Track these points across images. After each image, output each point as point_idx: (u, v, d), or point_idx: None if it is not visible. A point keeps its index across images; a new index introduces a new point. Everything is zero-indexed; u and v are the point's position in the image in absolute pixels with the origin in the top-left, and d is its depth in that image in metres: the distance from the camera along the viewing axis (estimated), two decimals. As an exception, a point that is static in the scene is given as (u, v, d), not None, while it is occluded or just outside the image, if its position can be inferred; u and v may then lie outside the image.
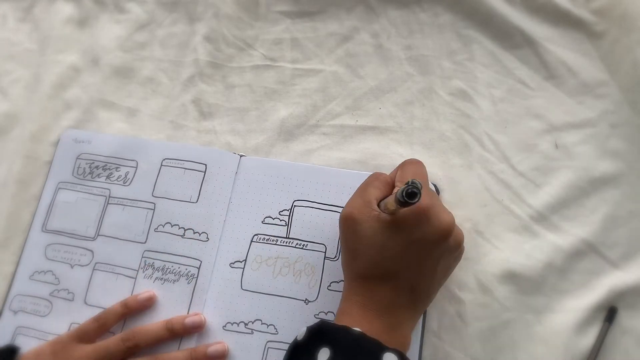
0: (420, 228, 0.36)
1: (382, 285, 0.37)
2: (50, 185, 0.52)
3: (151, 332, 0.45)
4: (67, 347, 0.44)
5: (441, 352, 0.43)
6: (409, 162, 0.42)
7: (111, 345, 0.44)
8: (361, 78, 0.53)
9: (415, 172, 0.41)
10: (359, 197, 0.39)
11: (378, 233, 0.37)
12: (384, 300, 0.37)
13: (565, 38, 0.51)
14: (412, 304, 0.38)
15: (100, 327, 0.46)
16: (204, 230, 0.48)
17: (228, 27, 0.56)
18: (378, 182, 0.40)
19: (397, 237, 0.36)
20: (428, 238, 0.36)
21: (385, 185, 0.40)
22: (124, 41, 0.58)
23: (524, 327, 0.44)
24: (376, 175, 0.41)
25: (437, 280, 0.39)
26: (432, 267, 0.38)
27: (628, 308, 0.43)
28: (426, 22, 0.53)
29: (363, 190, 0.40)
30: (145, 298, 0.47)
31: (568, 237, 0.45)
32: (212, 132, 0.53)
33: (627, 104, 0.48)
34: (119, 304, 0.47)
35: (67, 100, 0.56)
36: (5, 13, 0.61)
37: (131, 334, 0.44)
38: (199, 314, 0.46)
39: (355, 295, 0.38)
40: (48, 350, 0.45)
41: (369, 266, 0.37)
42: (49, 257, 0.50)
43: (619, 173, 0.47)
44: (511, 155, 0.48)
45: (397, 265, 0.37)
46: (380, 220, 0.37)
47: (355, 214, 0.38)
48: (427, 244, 0.37)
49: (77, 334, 0.45)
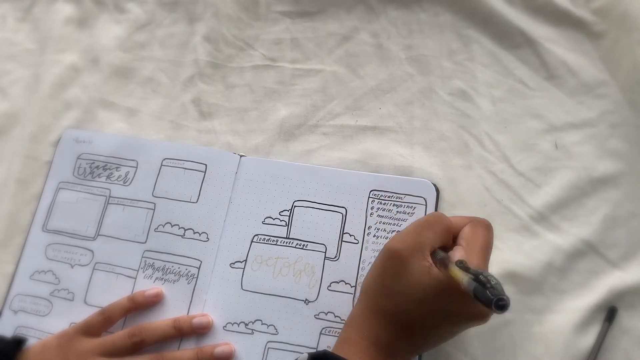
0: (466, 305, 0.34)
1: (397, 330, 0.36)
2: (50, 185, 0.52)
3: (158, 330, 0.45)
4: (72, 340, 0.44)
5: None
6: (483, 223, 0.39)
7: (117, 340, 0.44)
8: (361, 78, 0.53)
9: (486, 240, 0.38)
10: (413, 237, 0.37)
11: (422, 287, 0.34)
12: (393, 345, 0.36)
13: (565, 38, 0.51)
14: (411, 352, 0.38)
15: (106, 320, 0.46)
16: (204, 230, 0.48)
17: (228, 27, 0.56)
18: (440, 227, 0.38)
19: (440, 301, 0.34)
20: (468, 315, 0.35)
21: (446, 232, 0.38)
22: (124, 41, 0.58)
23: (523, 327, 0.44)
24: (439, 218, 0.38)
25: (441, 342, 0.39)
26: (449, 335, 0.37)
27: (628, 308, 0.43)
28: (426, 22, 0.53)
29: (421, 230, 0.37)
30: (153, 294, 0.47)
31: (568, 237, 0.45)
32: (212, 132, 0.53)
33: (627, 104, 0.48)
34: (126, 298, 0.46)
35: (67, 100, 0.56)
36: (5, 13, 0.61)
37: (138, 330, 0.44)
38: (206, 315, 0.46)
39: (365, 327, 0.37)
40: (54, 343, 0.45)
41: (397, 311, 0.36)
42: (49, 256, 0.50)
43: (619, 173, 0.47)
44: (511, 155, 0.48)
45: (423, 323, 0.36)
46: (429, 275, 0.34)
47: (404, 254, 0.36)
48: (463, 320, 0.36)
49: (82, 328, 0.45)
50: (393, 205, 0.47)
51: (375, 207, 0.47)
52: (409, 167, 0.49)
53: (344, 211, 0.47)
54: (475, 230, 0.38)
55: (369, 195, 0.47)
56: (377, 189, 0.47)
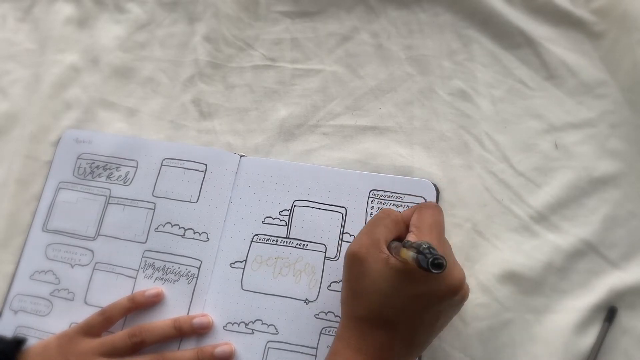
0: (430, 282, 0.35)
1: (379, 331, 0.36)
2: (50, 184, 0.52)
3: (158, 330, 0.45)
4: (73, 341, 0.44)
5: (441, 352, 0.43)
6: (427, 205, 0.40)
7: (117, 340, 0.44)
8: (361, 78, 0.53)
9: (434, 219, 0.39)
10: (367, 235, 0.38)
11: (384, 278, 0.35)
12: (379, 347, 0.36)
13: (565, 38, 0.51)
14: (407, 353, 0.37)
15: (106, 320, 0.46)
16: (204, 230, 0.48)
17: (228, 27, 0.56)
18: (388, 220, 0.39)
19: (404, 286, 0.35)
20: (436, 293, 0.35)
21: (396, 224, 0.39)
22: (124, 41, 0.58)
23: (524, 327, 0.44)
24: (387, 213, 0.40)
25: (435, 332, 0.39)
26: (434, 320, 0.37)
27: (628, 308, 0.43)
28: (426, 22, 0.53)
29: (372, 228, 0.38)
30: (153, 294, 0.47)
31: (568, 237, 0.45)
32: (212, 132, 0.53)
33: (627, 104, 0.48)
34: (126, 298, 0.46)
35: (67, 100, 0.56)
36: (5, 13, 0.61)
37: (138, 330, 0.44)
38: (206, 315, 0.46)
39: (350, 337, 0.37)
40: (54, 343, 0.45)
41: (370, 310, 0.36)
42: (50, 256, 0.50)
43: (619, 173, 0.47)
44: (511, 155, 0.48)
45: (398, 315, 0.36)
46: (388, 265, 0.35)
47: (362, 253, 0.37)
48: (434, 299, 0.36)
49: (82, 328, 0.45)
50: (393, 205, 0.47)
51: (375, 207, 0.47)
52: (409, 167, 0.49)
53: (344, 211, 0.47)
54: (422, 213, 0.39)
55: (369, 195, 0.47)
56: (377, 189, 0.47)
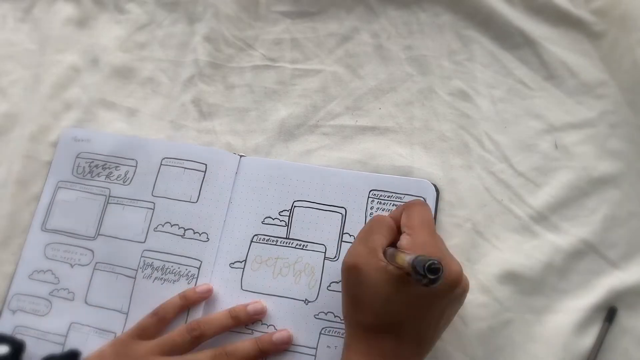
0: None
1: (386, 335, 0.36)
2: (49, 184, 0.52)
3: (216, 321, 0.44)
4: (128, 345, 0.44)
5: (441, 352, 0.43)
6: (413, 204, 0.41)
7: (176, 337, 0.43)
8: (361, 78, 0.53)
9: (423, 217, 0.39)
10: (363, 245, 0.38)
11: (384, 285, 0.35)
12: (388, 350, 0.36)
13: (565, 38, 0.51)
14: (417, 353, 0.37)
15: (160, 320, 0.45)
16: (204, 230, 0.48)
17: (228, 27, 0.56)
18: (382, 227, 0.39)
19: (405, 290, 0.35)
20: (436, 291, 0.35)
21: (389, 230, 0.39)
22: (124, 41, 0.58)
23: (524, 327, 0.44)
24: (379, 220, 0.40)
25: (441, 328, 0.39)
26: (438, 317, 0.37)
27: (628, 308, 0.43)
28: (426, 22, 0.53)
29: (367, 237, 0.38)
30: (204, 290, 0.46)
31: (568, 237, 0.45)
32: (212, 132, 0.53)
33: (627, 104, 0.48)
34: (178, 296, 0.46)
35: (67, 100, 0.56)
36: (5, 13, 0.61)
37: (196, 324, 0.44)
38: (259, 301, 0.45)
39: (358, 344, 0.37)
40: (109, 351, 0.44)
41: (374, 317, 0.36)
42: (49, 256, 0.50)
43: (618, 173, 0.47)
44: (511, 155, 0.48)
45: (402, 317, 0.36)
46: (387, 272, 0.35)
47: (360, 264, 0.37)
48: (434, 296, 0.36)
49: (136, 332, 0.45)
50: (393, 205, 0.47)
51: (375, 207, 0.47)
52: (408, 167, 0.49)
53: (343, 211, 0.47)
54: (410, 213, 0.39)
55: (369, 195, 0.47)
56: (377, 189, 0.47)
